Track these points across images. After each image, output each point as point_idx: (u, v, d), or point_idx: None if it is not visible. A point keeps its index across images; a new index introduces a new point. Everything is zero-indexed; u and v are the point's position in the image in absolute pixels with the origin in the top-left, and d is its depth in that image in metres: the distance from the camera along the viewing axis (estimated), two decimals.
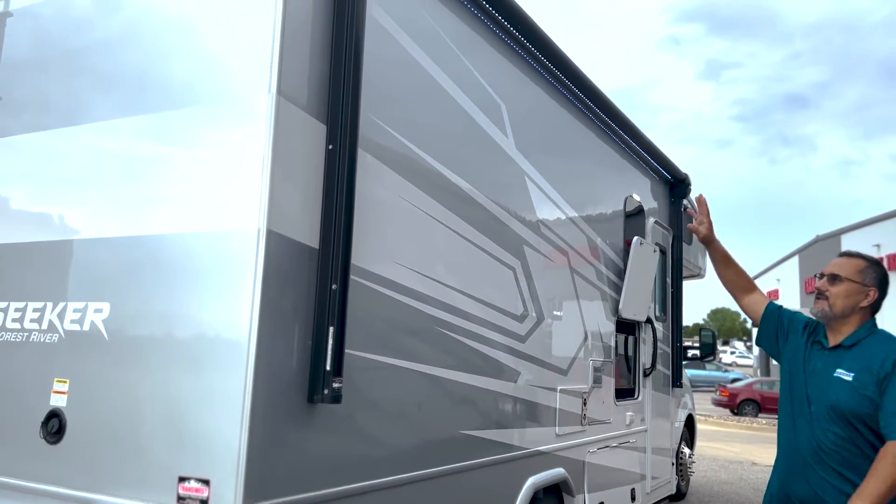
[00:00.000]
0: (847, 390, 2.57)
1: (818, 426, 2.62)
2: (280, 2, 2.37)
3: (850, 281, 2.72)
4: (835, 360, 2.67)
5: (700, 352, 7.93)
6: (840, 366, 2.64)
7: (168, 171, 2.51)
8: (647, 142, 5.72)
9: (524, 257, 3.83)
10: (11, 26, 3.08)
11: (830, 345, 2.72)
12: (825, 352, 2.73)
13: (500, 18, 3.64)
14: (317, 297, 2.41)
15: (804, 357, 2.78)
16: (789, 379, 2.80)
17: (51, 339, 2.55)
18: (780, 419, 2.84)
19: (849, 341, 2.68)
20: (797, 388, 2.74)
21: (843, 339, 2.70)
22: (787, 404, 2.78)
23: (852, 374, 2.58)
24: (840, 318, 2.71)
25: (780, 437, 2.80)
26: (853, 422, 2.55)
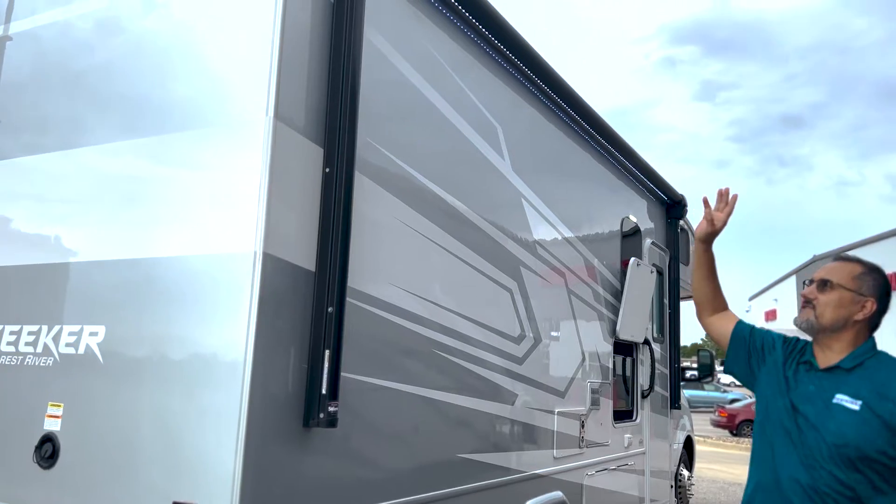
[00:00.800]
0: (854, 423, 2.13)
1: (813, 463, 2.18)
2: (278, 27, 2.39)
3: (842, 288, 2.30)
4: (832, 383, 2.25)
5: (698, 373, 7.90)
6: (840, 390, 2.21)
7: (164, 194, 2.52)
8: (643, 163, 5.74)
9: (521, 279, 3.83)
10: (11, 49, 3.11)
11: (822, 365, 2.30)
12: (818, 373, 2.30)
13: (495, 41, 3.67)
14: (312, 321, 2.41)
15: (787, 378, 2.35)
16: (766, 405, 2.38)
17: (45, 362, 2.54)
18: (753, 451, 2.41)
19: (848, 362, 2.25)
20: (777, 415, 2.31)
21: (837, 358, 2.28)
22: (763, 434, 2.36)
23: (860, 403, 2.15)
24: (828, 332, 2.30)
25: (753, 472, 2.38)
26: (859, 465, 2.11)
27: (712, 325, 2.68)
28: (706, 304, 2.69)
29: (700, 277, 2.69)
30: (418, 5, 3.14)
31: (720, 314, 2.67)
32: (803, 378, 2.33)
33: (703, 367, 8.04)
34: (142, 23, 2.75)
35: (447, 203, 3.22)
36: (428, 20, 3.21)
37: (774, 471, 2.27)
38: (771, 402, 2.36)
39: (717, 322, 2.66)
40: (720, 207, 2.64)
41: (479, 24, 3.51)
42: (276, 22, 2.39)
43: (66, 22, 2.95)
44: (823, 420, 2.20)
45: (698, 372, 7.96)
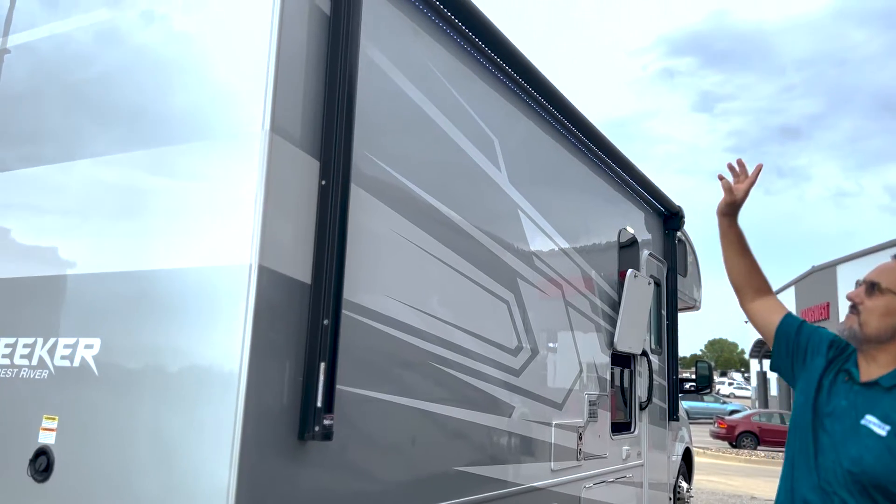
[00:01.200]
0: (877, 450, 1.87)
1: (827, 487, 1.96)
2: (274, 40, 2.40)
3: (892, 294, 2.00)
4: (866, 400, 1.98)
5: (697, 384, 7.88)
6: (872, 411, 1.94)
7: (160, 207, 2.52)
8: (640, 175, 5.76)
9: (518, 290, 3.83)
10: (10, 61, 3.12)
11: (863, 378, 2.03)
12: (855, 387, 2.03)
13: (492, 54, 3.69)
14: (308, 333, 2.41)
15: (822, 388, 2.09)
16: (796, 415, 2.14)
17: (40, 375, 2.53)
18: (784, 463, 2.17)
19: (889, 380, 1.96)
20: (803, 429, 2.07)
21: (880, 373, 1.99)
22: (790, 447, 2.13)
23: (888, 429, 1.88)
24: (874, 343, 2.01)
25: (780, 487, 2.16)
26: (873, 493, 1.88)
27: (756, 313, 2.37)
28: (744, 286, 2.39)
29: (731, 255, 2.40)
30: (415, 18, 3.15)
31: (763, 300, 2.37)
32: (839, 390, 2.06)
33: (702, 378, 8.03)
34: (138, 36, 2.76)
35: (444, 215, 3.23)
36: (425, 33, 3.22)
37: (791, 490, 2.07)
38: (800, 413, 2.12)
39: (761, 311, 2.36)
40: (740, 179, 2.40)
41: (476, 37, 3.53)
42: (273, 35, 2.40)
43: (64, 34, 2.96)
44: (845, 442, 1.95)
45: (697, 384, 7.95)
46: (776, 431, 23.08)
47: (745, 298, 2.40)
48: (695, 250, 8.01)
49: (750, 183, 2.39)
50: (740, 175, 2.41)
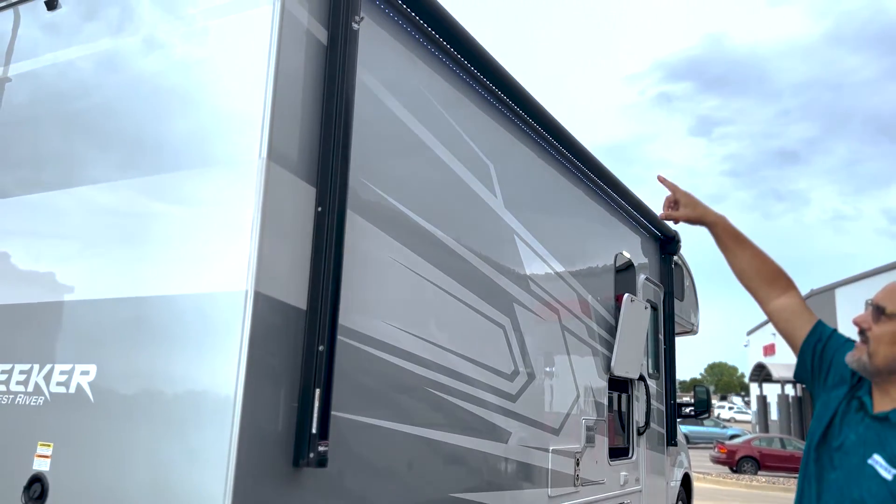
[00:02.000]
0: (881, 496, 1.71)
1: None
2: (272, 69, 2.43)
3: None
4: (876, 436, 1.79)
5: (695, 409, 7.85)
6: (881, 449, 1.76)
7: (157, 234, 2.54)
8: (636, 199, 5.80)
9: (514, 315, 3.84)
10: (10, 89, 3.15)
11: (876, 409, 1.84)
12: (866, 419, 1.84)
13: (487, 82, 3.73)
14: (303, 359, 2.42)
15: (836, 415, 1.91)
16: (808, 442, 1.96)
17: (36, 401, 2.53)
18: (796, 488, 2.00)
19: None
20: (812, 460, 1.92)
21: (893, 406, 1.81)
22: (801, 476, 1.97)
23: (894, 473, 1.71)
24: (885, 375, 1.82)
25: None
26: None
27: (779, 318, 2.08)
28: (754, 280, 2.12)
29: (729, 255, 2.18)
30: (411, 47, 3.20)
31: (784, 299, 2.09)
32: (851, 420, 1.87)
33: (700, 402, 8.00)
34: (138, 65, 2.80)
35: (439, 240, 3.25)
36: (420, 61, 3.27)
37: None
38: (811, 442, 1.94)
39: (784, 315, 2.07)
40: (670, 189, 2.29)
41: (470, 64, 3.58)
42: (270, 64, 2.44)
43: (65, 63, 3.00)
44: (849, 483, 1.78)
45: (695, 408, 7.92)
46: (777, 456, 22.92)
47: (762, 297, 2.12)
48: (692, 274, 8.02)
49: (674, 191, 2.28)
50: (670, 197, 2.30)
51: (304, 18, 2.58)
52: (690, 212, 2.24)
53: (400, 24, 3.11)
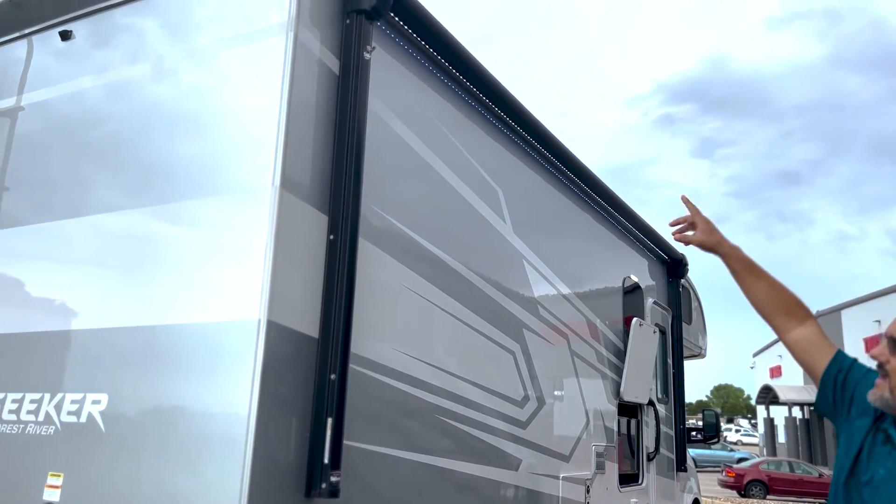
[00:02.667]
0: None
1: None
2: (285, 98, 2.45)
3: None
4: None
5: (704, 433, 7.79)
6: None
7: (170, 262, 2.54)
8: (643, 223, 5.80)
9: (524, 340, 3.83)
10: (23, 118, 3.18)
11: None
12: (893, 452, 1.80)
13: (495, 108, 3.76)
14: (315, 388, 2.40)
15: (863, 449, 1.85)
16: (836, 475, 1.91)
17: (47, 431, 2.52)
18: None
19: None
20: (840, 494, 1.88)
21: None
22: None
23: None
24: None
25: None
26: None
27: (797, 349, 2.05)
28: (771, 311, 2.09)
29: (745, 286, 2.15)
30: (420, 75, 3.22)
31: (802, 330, 2.05)
32: (878, 454, 1.82)
33: (709, 427, 7.94)
34: (151, 94, 2.82)
35: (450, 267, 3.25)
36: (430, 89, 3.29)
37: None
38: (839, 477, 1.89)
39: (802, 346, 2.04)
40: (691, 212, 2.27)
41: (479, 91, 3.60)
42: (283, 94, 2.45)
43: (78, 92, 3.02)
44: None
45: (704, 432, 7.86)
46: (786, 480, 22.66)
47: (779, 328, 2.08)
48: (699, 297, 8.00)
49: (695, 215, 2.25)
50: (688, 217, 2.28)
51: (316, 48, 2.60)
52: (706, 238, 2.22)
53: (409, 53, 3.14)
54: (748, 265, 2.16)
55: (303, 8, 2.54)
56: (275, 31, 2.53)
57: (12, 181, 3.08)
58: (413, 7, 2.97)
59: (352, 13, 2.69)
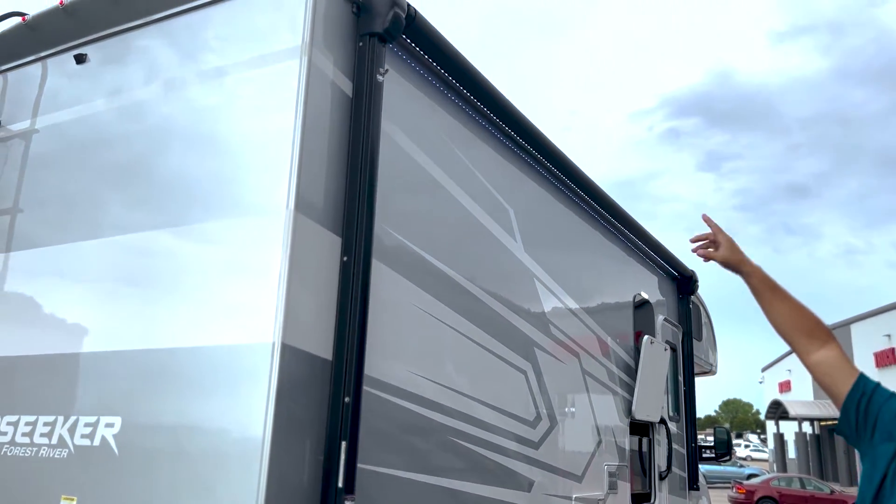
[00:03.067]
0: None
1: None
2: (299, 122, 2.46)
3: None
4: None
5: (715, 451, 7.72)
6: None
7: (184, 285, 2.55)
8: (652, 239, 5.79)
9: (535, 360, 3.81)
10: (38, 140, 3.20)
11: None
12: None
13: (505, 127, 3.76)
14: (329, 411, 2.40)
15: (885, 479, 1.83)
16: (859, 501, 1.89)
17: (60, 454, 2.51)
18: None
19: None
20: None
21: None
22: None
23: None
24: None
25: None
26: None
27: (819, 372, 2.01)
28: (792, 332, 2.07)
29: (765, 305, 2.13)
30: (432, 95, 3.23)
31: (824, 352, 2.02)
32: None
33: (720, 443, 7.87)
34: (165, 116, 2.84)
35: (462, 286, 3.24)
36: (441, 109, 3.30)
37: None
38: (862, 501, 1.87)
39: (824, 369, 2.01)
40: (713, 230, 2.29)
41: (490, 111, 3.61)
42: (298, 117, 2.46)
43: (93, 115, 3.04)
44: None
45: (715, 450, 7.79)
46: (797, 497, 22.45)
47: (801, 350, 2.04)
48: (709, 313, 7.96)
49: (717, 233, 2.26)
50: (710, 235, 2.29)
51: (329, 71, 2.62)
52: (730, 255, 2.21)
53: (421, 74, 3.15)
54: (771, 285, 2.14)
55: (317, 31, 2.56)
56: (289, 55, 2.54)
57: (27, 202, 3.10)
58: (425, 29, 2.98)
59: (364, 36, 2.71)
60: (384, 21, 2.70)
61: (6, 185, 3.19)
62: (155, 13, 2.96)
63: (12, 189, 3.16)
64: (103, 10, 3.04)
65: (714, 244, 2.27)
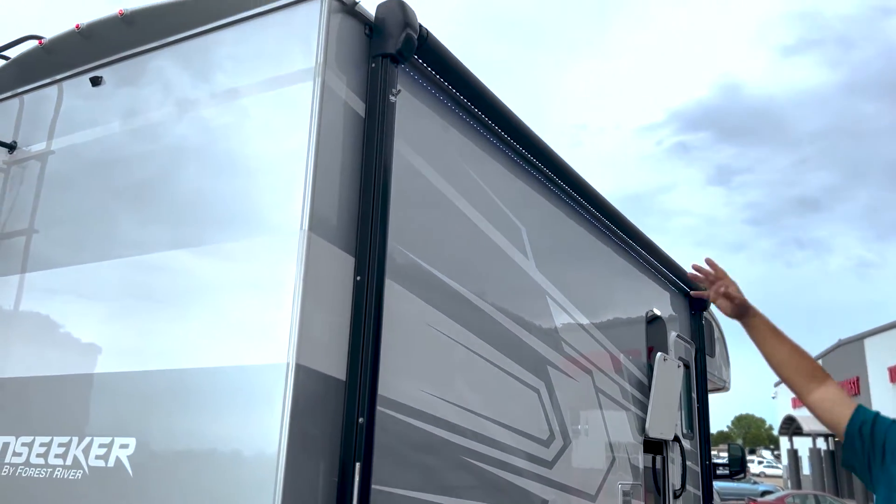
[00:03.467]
0: None
1: None
2: (313, 142, 2.47)
3: None
4: None
5: (729, 468, 7.64)
6: None
7: (197, 305, 2.55)
8: (664, 255, 5.76)
9: (548, 378, 3.79)
10: (53, 162, 3.23)
11: None
12: None
13: (517, 146, 3.77)
14: (343, 432, 2.39)
15: None
16: None
17: (75, 475, 2.51)
18: None
19: None
20: None
21: None
22: None
23: None
24: None
25: None
26: None
27: (819, 408, 2.09)
28: (793, 375, 2.14)
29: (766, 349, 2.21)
30: (443, 114, 3.25)
31: (823, 389, 2.10)
32: None
33: (734, 461, 7.79)
34: (180, 138, 2.86)
35: (475, 305, 3.23)
36: (452, 128, 3.31)
37: None
38: None
39: (825, 405, 2.08)
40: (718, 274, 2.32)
41: (501, 129, 3.62)
42: (311, 138, 2.48)
43: (108, 137, 3.07)
44: None
45: (730, 467, 7.71)
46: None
47: (801, 390, 2.12)
48: (721, 329, 7.91)
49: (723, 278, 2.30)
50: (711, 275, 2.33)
51: (342, 92, 2.63)
52: (742, 297, 2.26)
53: (433, 94, 3.17)
54: (773, 329, 2.23)
55: (330, 53, 2.58)
56: (303, 76, 2.56)
57: (43, 223, 3.12)
58: (437, 50, 3.00)
59: (377, 57, 2.73)
60: (396, 42, 2.72)
61: (23, 205, 3.22)
62: (169, 36, 2.99)
63: (28, 210, 3.19)
64: (118, 32, 3.08)
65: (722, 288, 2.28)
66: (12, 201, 3.28)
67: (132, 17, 3.00)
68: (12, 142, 3.38)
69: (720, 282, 2.32)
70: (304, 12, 2.65)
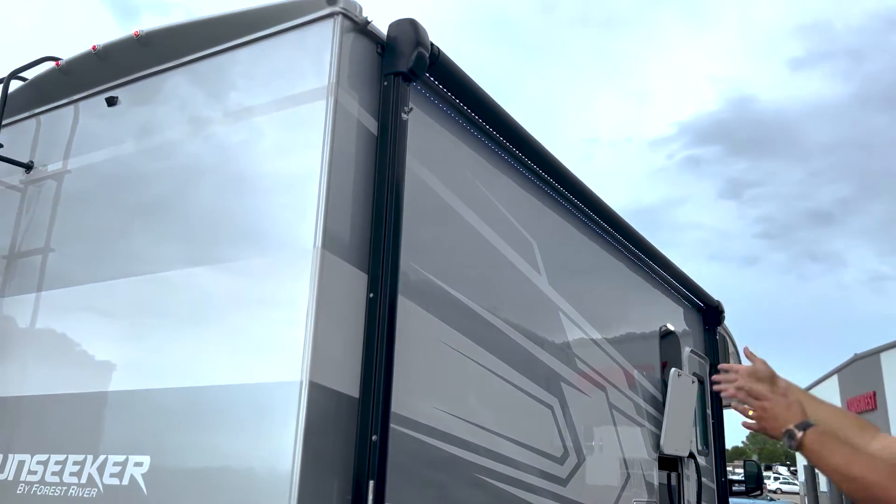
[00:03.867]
0: None
1: None
2: (326, 160, 2.49)
3: None
4: None
5: (745, 485, 7.55)
6: None
7: (211, 323, 2.56)
8: (677, 270, 5.74)
9: (562, 395, 3.77)
10: (69, 181, 3.27)
11: None
12: None
13: (528, 161, 3.78)
14: (356, 450, 2.38)
15: None
16: None
17: (89, 493, 2.52)
18: None
19: None
20: None
21: None
22: None
23: None
24: None
25: None
26: None
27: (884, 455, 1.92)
28: (872, 483, 1.86)
29: (833, 469, 1.98)
30: (455, 132, 3.26)
31: (881, 438, 1.99)
32: None
33: (751, 477, 7.71)
34: (193, 155, 2.89)
35: (487, 321, 3.23)
36: (464, 145, 3.32)
37: None
38: None
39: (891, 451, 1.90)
40: None
41: (512, 145, 3.62)
42: (325, 156, 2.49)
43: (123, 156, 3.10)
44: None
45: (745, 484, 7.62)
46: None
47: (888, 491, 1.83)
48: (735, 344, 7.84)
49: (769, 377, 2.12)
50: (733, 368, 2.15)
51: (355, 110, 2.65)
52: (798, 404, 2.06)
53: (445, 111, 3.18)
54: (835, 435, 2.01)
55: (342, 72, 2.60)
56: (315, 95, 2.58)
57: (59, 241, 3.15)
58: (448, 67, 3.02)
59: (389, 76, 2.75)
60: (408, 61, 2.74)
61: (39, 224, 3.25)
62: (183, 56, 3.03)
63: (45, 228, 3.22)
64: (134, 53, 3.12)
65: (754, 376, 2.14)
66: (29, 220, 3.31)
67: (148, 38, 3.05)
68: (29, 161, 3.42)
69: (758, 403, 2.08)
70: (316, 31, 2.68)
